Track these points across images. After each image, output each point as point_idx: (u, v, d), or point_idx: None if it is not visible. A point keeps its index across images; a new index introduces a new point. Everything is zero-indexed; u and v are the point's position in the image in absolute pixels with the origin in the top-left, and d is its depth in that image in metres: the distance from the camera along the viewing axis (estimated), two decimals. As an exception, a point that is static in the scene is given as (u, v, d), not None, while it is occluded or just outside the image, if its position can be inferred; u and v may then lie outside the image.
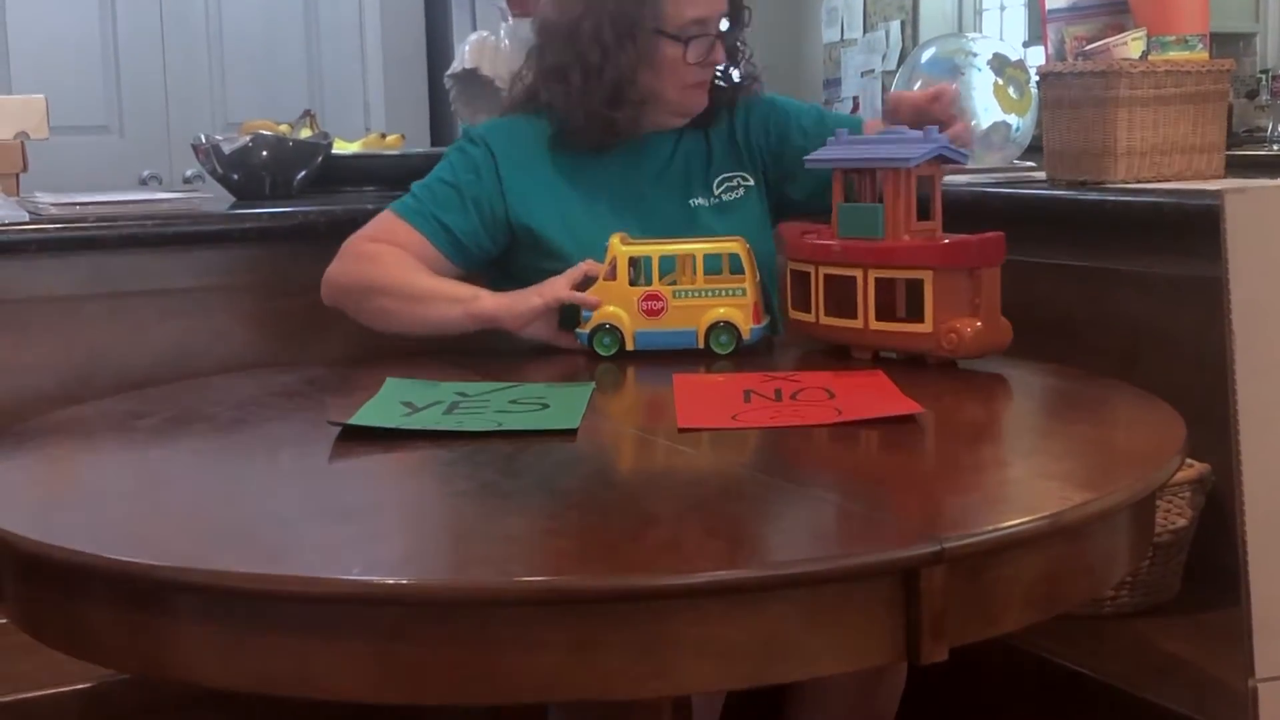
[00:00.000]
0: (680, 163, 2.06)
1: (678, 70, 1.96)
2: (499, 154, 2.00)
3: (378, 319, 1.95)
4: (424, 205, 1.98)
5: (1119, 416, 1.55)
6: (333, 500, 1.29)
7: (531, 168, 2.00)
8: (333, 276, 1.97)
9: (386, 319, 1.94)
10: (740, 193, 2.05)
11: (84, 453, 1.52)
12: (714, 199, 2.04)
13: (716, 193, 2.05)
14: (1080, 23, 2.35)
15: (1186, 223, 1.92)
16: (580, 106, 1.96)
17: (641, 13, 1.93)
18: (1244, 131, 5.34)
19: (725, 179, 2.06)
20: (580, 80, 1.95)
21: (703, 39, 1.96)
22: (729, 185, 2.06)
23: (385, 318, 1.94)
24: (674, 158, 2.05)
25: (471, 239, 1.97)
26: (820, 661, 1.08)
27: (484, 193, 1.98)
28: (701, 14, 1.95)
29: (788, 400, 1.52)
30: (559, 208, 1.98)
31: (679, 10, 1.94)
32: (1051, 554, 1.17)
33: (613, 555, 1.11)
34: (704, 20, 1.96)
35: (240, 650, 1.07)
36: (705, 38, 1.96)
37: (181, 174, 4.06)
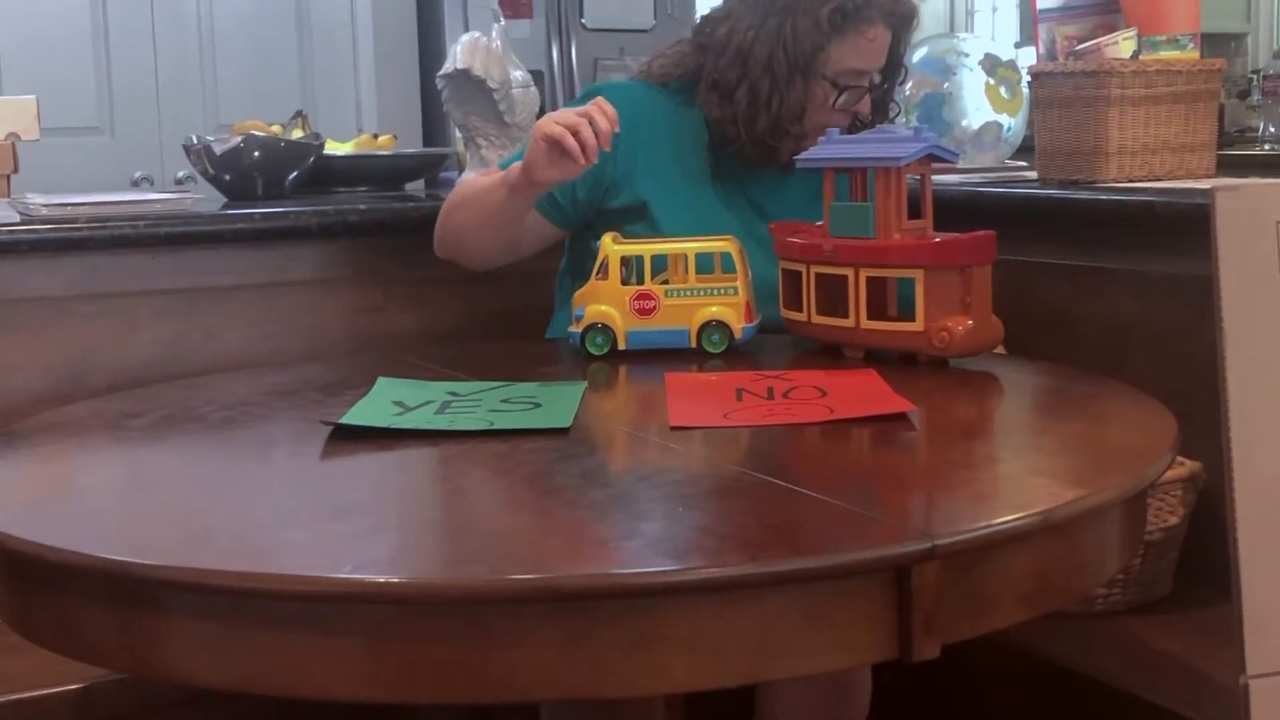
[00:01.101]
0: (786, 193, 2.05)
1: (821, 113, 1.99)
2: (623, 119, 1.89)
3: (464, 237, 1.98)
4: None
5: (1110, 414, 1.55)
6: (324, 499, 1.28)
7: (647, 140, 1.99)
8: (436, 229, 2.02)
9: (467, 231, 1.97)
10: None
11: (76, 452, 1.52)
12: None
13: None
14: (1071, 23, 2.35)
15: (1178, 222, 1.92)
16: (743, 129, 1.98)
17: (814, 52, 1.94)
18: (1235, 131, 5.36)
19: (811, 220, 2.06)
20: (746, 104, 1.97)
21: (855, 90, 1.99)
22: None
23: (465, 231, 1.97)
24: (771, 185, 2.06)
25: (569, 199, 1.97)
26: (813, 658, 1.08)
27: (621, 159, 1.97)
28: (861, 66, 1.98)
29: (780, 398, 1.52)
30: (662, 187, 1.99)
31: (843, 58, 1.96)
32: (1043, 551, 1.18)
33: (605, 553, 1.11)
34: (862, 72, 1.99)
35: (232, 649, 1.07)
36: (858, 89, 1.99)
37: (173, 175, 4.05)
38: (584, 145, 1.74)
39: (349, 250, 2.29)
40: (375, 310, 2.29)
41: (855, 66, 1.98)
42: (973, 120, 2.53)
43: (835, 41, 1.95)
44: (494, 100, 2.43)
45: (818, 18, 1.93)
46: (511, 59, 2.46)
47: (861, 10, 1.95)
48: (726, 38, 1.98)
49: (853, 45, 1.96)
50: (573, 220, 2.02)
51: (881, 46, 1.99)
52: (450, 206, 2.00)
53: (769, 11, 1.96)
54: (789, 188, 2.06)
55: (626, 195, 1.98)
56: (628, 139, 1.95)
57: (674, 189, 2.00)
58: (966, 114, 2.52)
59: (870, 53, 1.98)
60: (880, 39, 1.98)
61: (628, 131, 1.93)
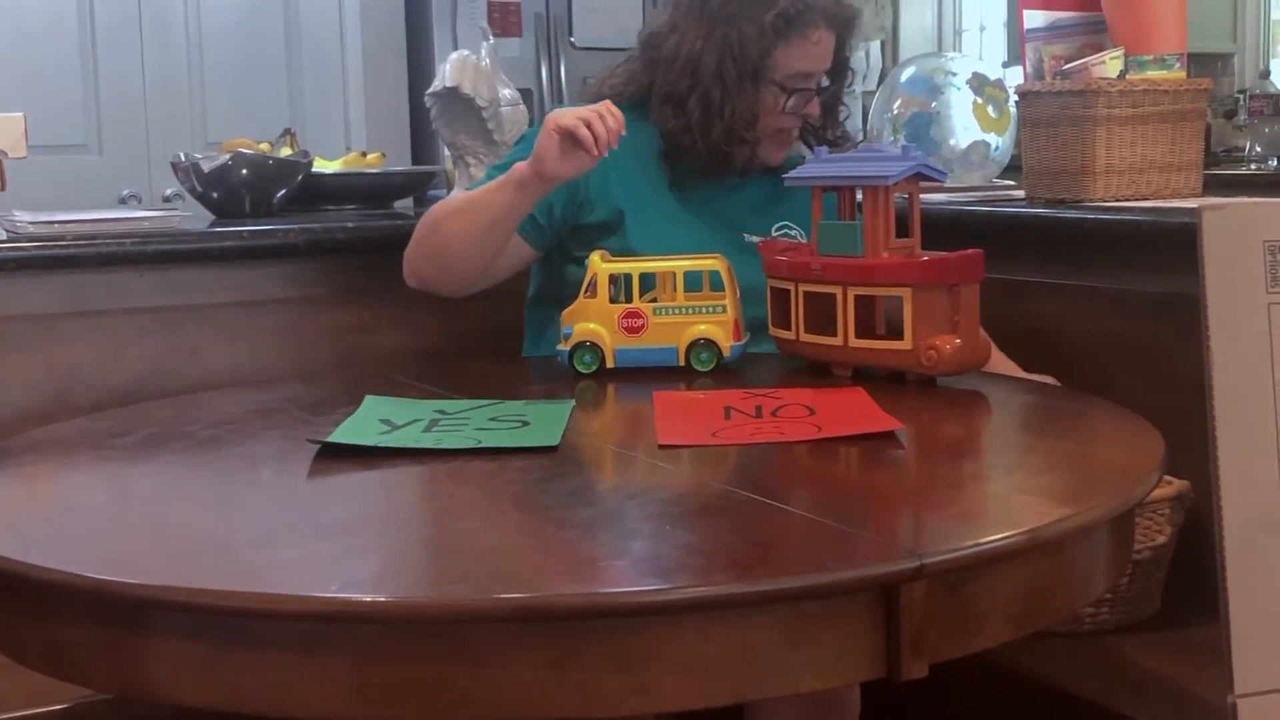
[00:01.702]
0: (744, 198, 2.08)
1: (772, 118, 2.01)
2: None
3: (451, 248, 1.94)
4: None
5: (1098, 433, 1.55)
6: (311, 518, 1.28)
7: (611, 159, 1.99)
8: (407, 251, 1.99)
9: (456, 241, 1.93)
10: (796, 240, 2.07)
11: (62, 471, 1.52)
12: (770, 238, 2.05)
13: (774, 234, 2.07)
14: (1058, 42, 2.36)
15: (1164, 241, 1.93)
16: (699, 138, 2.00)
17: (761, 58, 1.97)
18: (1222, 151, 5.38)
19: (785, 226, 2.09)
20: (700, 112, 1.99)
21: (803, 93, 2.01)
22: (786, 231, 2.08)
23: (455, 240, 1.93)
24: (740, 192, 2.08)
25: (545, 217, 1.97)
26: (801, 677, 1.08)
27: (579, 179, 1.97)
28: (808, 69, 2.01)
29: (768, 417, 1.52)
30: (632, 201, 2.00)
31: (789, 62, 1.99)
32: (1031, 570, 1.17)
33: (592, 572, 1.11)
34: (809, 75, 2.01)
35: (218, 669, 1.06)
36: (805, 92, 2.01)
37: (161, 193, 4.04)
38: (596, 137, 1.77)
39: (337, 268, 2.29)
40: (363, 329, 2.28)
41: (802, 70, 2.00)
42: (960, 139, 2.53)
43: (781, 47, 1.98)
44: (483, 119, 2.43)
45: (762, 25, 1.96)
46: (500, 77, 2.46)
47: (804, 15, 1.98)
48: (675, 50, 2.01)
49: (798, 49, 1.99)
50: (548, 240, 2.01)
51: (826, 49, 2.02)
52: (433, 223, 1.96)
53: (715, 22, 1.98)
54: (745, 192, 2.08)
55: (601, 210, 1.99)
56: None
57: (643, 203, 2.01)
58: (954, 133, 2.53)
59: (815, 56, 2.01)
60: (824, 42, 2.01)
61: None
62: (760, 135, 2.02)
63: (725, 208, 2.07)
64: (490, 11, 4.85)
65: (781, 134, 2.05)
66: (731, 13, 1.97)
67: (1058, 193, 2.17)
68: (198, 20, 4.42)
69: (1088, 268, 2.09)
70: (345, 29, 4.65)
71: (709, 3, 2.00)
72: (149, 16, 4.34)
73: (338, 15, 4.65)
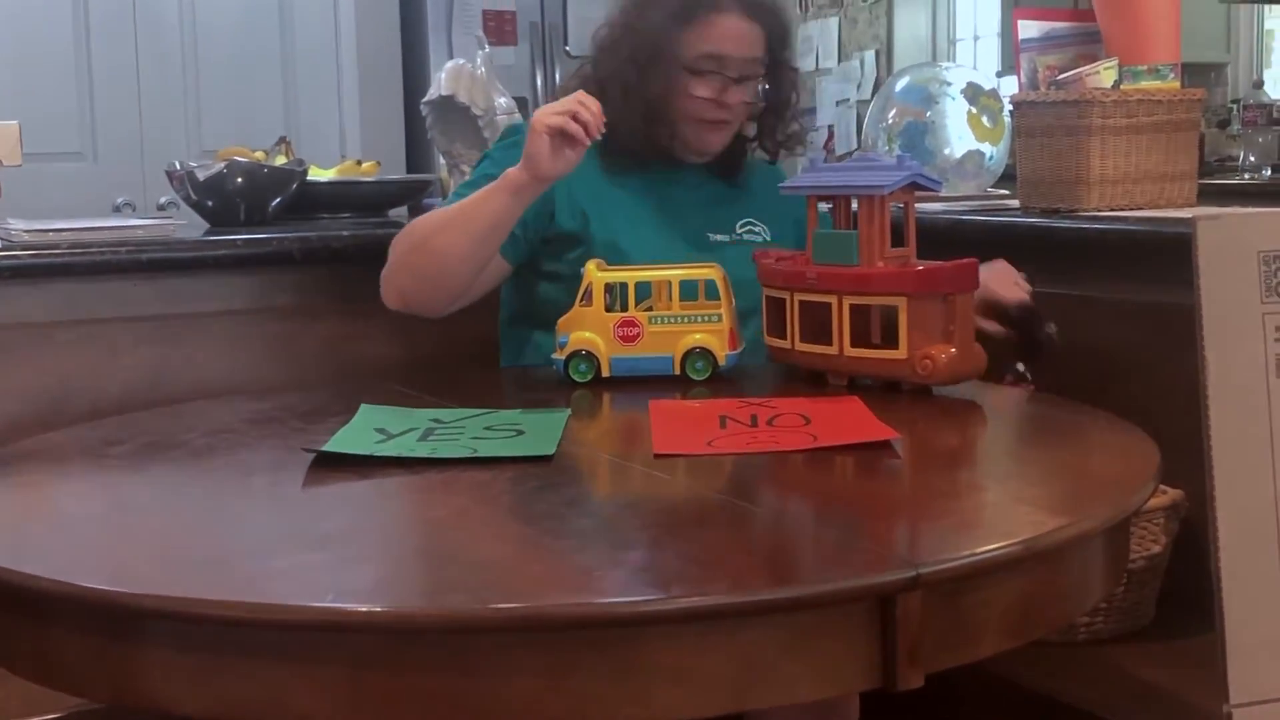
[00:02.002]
0: (707, 198, 2.09)
1: (691, 104, 2.01)
2: None
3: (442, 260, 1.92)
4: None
5: (1093, 442, 1.55)
6: (306, 527, 1.28)
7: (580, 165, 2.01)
8: (386, 272, 1.97)
9: (448, 253, 1.92)
10: (759, 238, 2.09)
11: (56, 480, 1.51)
12: (735, 236, 2.08)
13: (738, 232, 2.08)
14: (1053, 52, 2.37)
15: (1159, 250, 1.93)
16: (620, 122, 2.00)
17: (668, 42, 2.00)
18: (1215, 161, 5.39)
19: (748, 223, 2.10)
20: (619, 97, 2.00)
21: (714, 77, 2.00)
22: (750, 229, 2.09)
23: (446, 253, 1.92)
24: (701, 192, 2.09)
25: (520, 226, 1.96)
26: (797, 687, 1.08)
27: None
28: (717, 50, 2.00)
29: (763, 426, 1.52)
30: (597, 209, 2.01)
31: (695, 44, 2.00)
32: (1027, 579, 1.17)
33: (588, 581, 1.11)
34: (720, 58, 2.00)
35: (213, 678, 1.06)
36: (717, 76, 2.00)
37: (156, 201, 4.03)
38: (586, 126, 1.81)
39: (332, 277, 2.29)
40: (358, 337, 2.28)
41: (708, 52, 2.00)
42: (955, 149, 2.54)
43: (686, 30, 2.00)
44: (478, 127, 2.43)
45: (665, 10, 2.00)
46: (496, 86, 2.47)
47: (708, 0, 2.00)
48: (603, 39, 2.08)
49: (701, 32, 2.00)
50: (522, 253, 2.01)
51: (739, 35, 2.01)
52: (419, 239, 1.94)
53: (631, 9, 2.05)
54: (706, 192, 2.09)
55: (567, 217, 2.00)
56: None
57: (606, 209, 2.02)
58: (949, 143, 2.53)
59: (725, 39, 2.00)
60: (737, 27, 2.01)
61: None
62: (683, 118, 2.03)
63: (688, 210, 2.07)
64: (485, 20, 4.85)
65: (706, 123, 2.04)
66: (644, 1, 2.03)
67: (1052, 202, 2.17)
68: (193, 28, 4.42)
69: (1082, 277, 2.09)
70: (340, 37, 4.66)
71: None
72: (144, 25, 4.34)
73: (333, 24, 4.65)
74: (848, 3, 7.02)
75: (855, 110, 6.78)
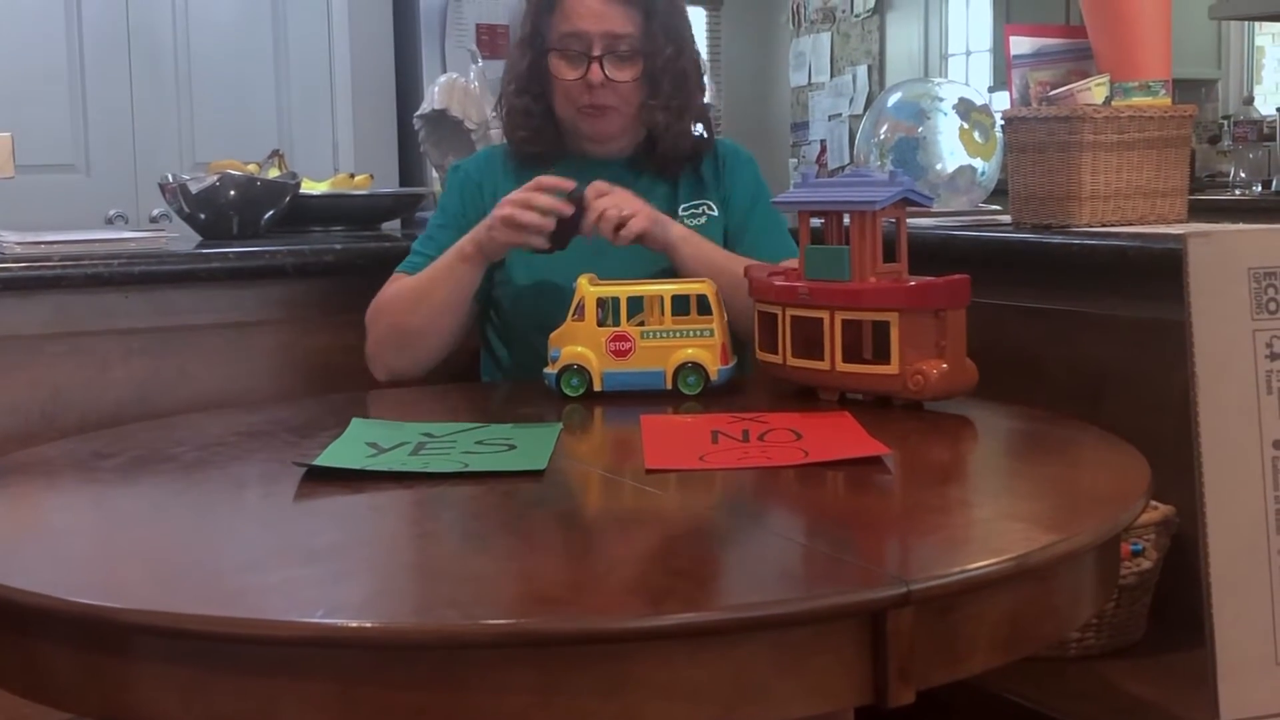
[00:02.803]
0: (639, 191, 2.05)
1: (562, 88, 2.04)
2: (483, 180, 2.08)
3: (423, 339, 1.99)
4: (425, 256, 2.04)
5: (1084, 458, 1.55)
6: (297, 542, 1.28)
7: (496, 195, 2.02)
8: (370, 350, 2.02)
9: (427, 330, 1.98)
10: (703, 220, 2.09)
11: (46, 493, 1.51)
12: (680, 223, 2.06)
13: (680, 218, 2.08)
14: (1044, 68, 2.37)
15: (1150, 266, 1.93)
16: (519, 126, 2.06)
17: (539, 30, 2.04)
18: (1206, 176, 5.41)
19: (690, 207, 2.11)
20: (510, 85, 2.07)
21: (577, 57, 2.01)
22: (693, 211, 2.10)
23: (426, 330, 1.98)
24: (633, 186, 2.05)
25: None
26: (788, 704, 1.08)
27: (474, 219, 2.01)
28: (575, 29, 2.01)
29: (755, 441, 1.52)
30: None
31: (559, 24, 2.02)
32: (1018, 595, 1.17)
33: (579, 597, 1.11)
34: (580, 35, 2.01)
35: (202, 693, 1.06)
36: (581, 56, 2.01)
37: (148, 213, 4.04)
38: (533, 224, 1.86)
39: (324, 290, 2.29)
40: (350, 351, 2.27)
41: (568, 30, 2.01)
42: (947, 164, 2.54)
43: (553, 13, 2.03)
44: (472, 141, 2.44)
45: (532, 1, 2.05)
46: (489, 99, 2.47)
47: None
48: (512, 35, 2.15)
49: (561, 13, 2.02)
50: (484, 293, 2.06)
51: (599, 11, 2.00)
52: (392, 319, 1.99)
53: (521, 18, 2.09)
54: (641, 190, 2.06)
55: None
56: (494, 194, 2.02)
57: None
58: (941, 158, 2.54)
59: (584, 17, 2.00)
60: (595, 4, 2.00)
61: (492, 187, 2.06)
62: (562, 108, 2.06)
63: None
64: (478, 34, 4.86)
65: (585, 110, 2.04)
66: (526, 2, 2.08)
67: (1044, 218, 2.17)
68: (186, 41, 4.42)
69: (1074, 293, 2.09)
70: (334, 51, 4.66)
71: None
72: (137, 37, 4.34)
73: (326, 37, 4.65)
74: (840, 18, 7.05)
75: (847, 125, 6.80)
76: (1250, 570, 1.36)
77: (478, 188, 2.08)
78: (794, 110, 7.22)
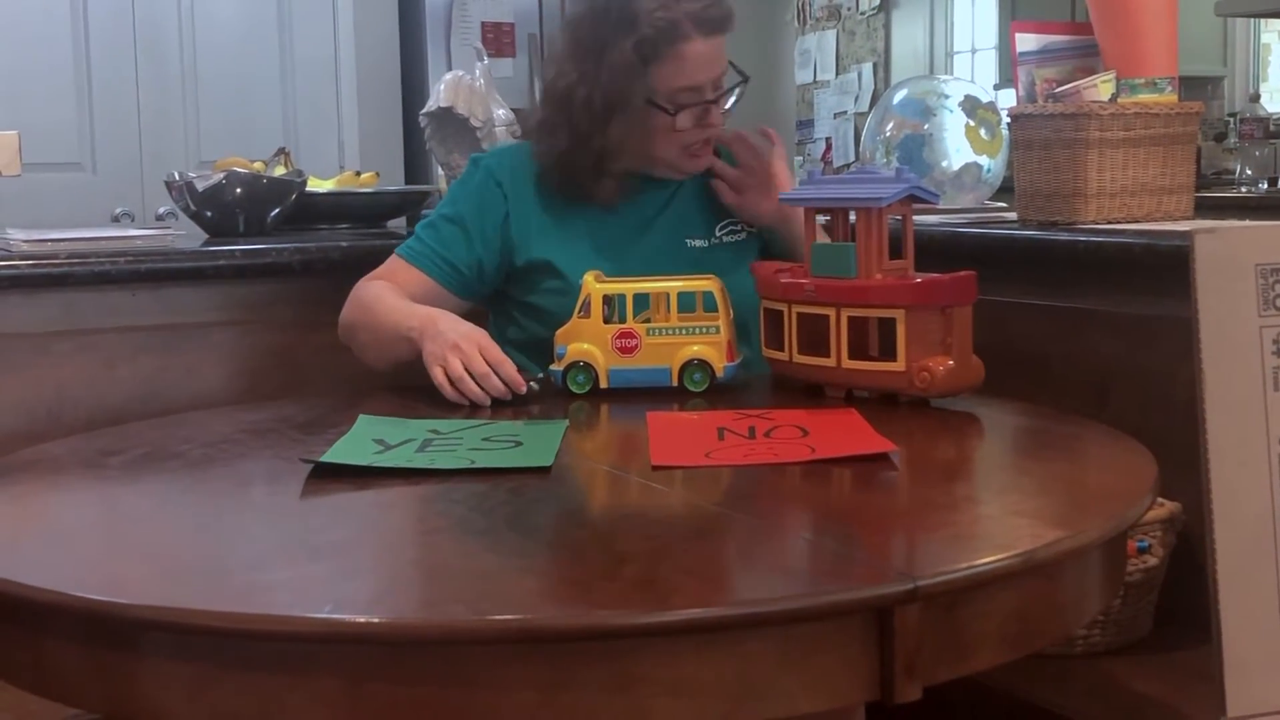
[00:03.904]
0: (680, 204, 2.07)
1: (672, 136, 1.97)
2: (505, 181, 2.02)
3: (361, 351, 1.99)
4: (426, 244, 2.01)
5: (1091, 455, 1.55)
6: (304, 538, 1.28)
7: (538, 196, 2.01)
8: (340, 320, 2.01)
9: (366, 347, 1.98)
10: (742, 236, 2.08)
11: (53, 490, 1.51)
12: (714, 240, 2.06)
13: (718, 235, 2.07)
14: (1050, 65, 2.37)
15: (1157, 263, 1.93)
16: (559, 165, 1.99)
17: (632, 86, 1.92)
18: (1212, 174, 5.40)
19: (730, 224, 2.08)
20: (566, 143, 1.97)
21: (694, 107, 1.96)
22: (732, 229, 2.08)
23: (365, 346, 1.98)
24: (674, 199, 2.07)
25: (474, 270, 1.99)
26: (794, 700, 1.08)
27: (489, 221, 2.00)
28: (690, 82, 1.94)
29: (761, 438, 1.52)
30: (561, 237, 2.00)
31: (667, 81, 1.93)
32: (1024, 592, 1.17)
33: (586, 594, 1.11)
34: (696, 88, 1.96)
35: (209, 689, 1.06)
36: (697, 105, 1.96)
37: (154, 211, 4.05)
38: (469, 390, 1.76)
39: (330, 288, 2.28)
40: (356, 348, 2.28)
41: (683, 85, 1.94)
42: (953, 161, 2.54)
43: (654, 69, 1.92)
44: (477, 138, 2.43)
45: (626, 52, 1.90)
46: (495, 97, 2.47)
47: (667, 33, 1.91)
48: (553, 84, 2.00)
49: (673, 68, 1.92)
50: (475, 289, 2.02)
51: (707, 57, 1.94)
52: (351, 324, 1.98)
53: (586, 54, 1.94)
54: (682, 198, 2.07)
55: (528, 251, 1.99)
56: (517, 198, 2.00)
57: (571, 237, 2.01)
58: (947, 155, 2.54)
59: (695, 67, 1.93)
60: (701, 51, 1.93)
61: (515, 190, 2.00)
62: (663, 154, 1.99)
63: (663, 221, 2.06)
64: (484, 32, 4.86)
65: (699, 148, 2.01)
66: (600, 44, 1.93)
67: (1050, 215, 2.17)
68: (192, 39, 4.43)
69: (1080, 290, 2.09)
70: (339, 49, 4.66)
71: (581, 36, 1.97)
72: (144, 35, 4.35)
73: (332, 35, 4.66)
74: (846, 16, 7.04)
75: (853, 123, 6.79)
76: (1257, 567, 1.36)
77: (498, 188, 2.02)
78: (799, 108, 7.22)
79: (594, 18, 1.95)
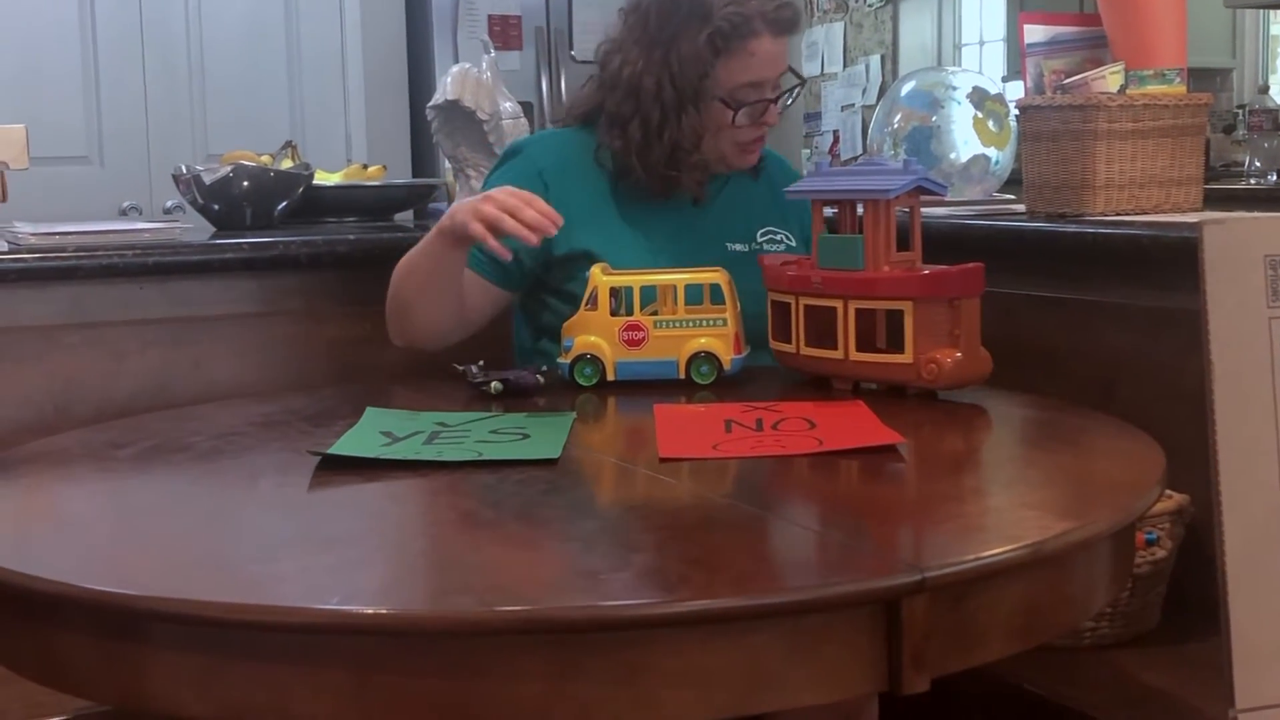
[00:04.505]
0: (723, 205, 2.07)
1: (728, 131, 1.98)
2: (546, 169, 2.00)
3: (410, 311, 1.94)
4: None
5: (1099, 447, 1.55)
6: (312, 530, 1.28)
7: (579, 185, 2.00)
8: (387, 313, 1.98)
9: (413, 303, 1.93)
10: (780, 245, 2.07)
11: (62, 482, 1.51)
12: (755, 245, 2.06)
13: (759, 240, 2.07)
14: (1059, 57, 2.36)
15: (1165, 255, 1.93)
16: (639, 161, 1.98)
17: (704, 79, 1.94)
18: (1221, 166, 5.39)
19: (769, 231, 2.08)
20: (640, 136, 1.97)
21: (757, 104, 1.98)
22: (771, 237, 2.08)
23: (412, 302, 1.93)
24: (717, 199, 2.07)
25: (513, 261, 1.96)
26: (801, 691, 1.08)
27: None
28: (755, 78, 1.97)
29: (769, 430, 1.52)
30: (602, 229, 1.99)
31: (732, 76, 1.95)
32: (1032, 583, 1.17)
33: (593, 585, 1.11)
34: (759, 84, 1.98)
35: (218, 680, 1.06)
36: (760, 102, 1.98)
37: (162, 204, 4.06)
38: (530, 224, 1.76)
39: (338, 281, 2.29)
40: (364, 340, 2.28)
41: (747, 81, 1.96)
42: (961, 153, 2.53)
43: (721, 63, 1.94)
44: (484, 131, 2.43)
45: (698, 44, 1.93)
46: (501, 90, 2.47)
47: (741, 28, 1.94)
48: (618, 72, 1.99)
49: (740, 63, 1.95)
50: (515, 279, 2.00)
51: (773, 56, 1.97)
52: (393, 289, 1.96)
53: (654, 43, 1.96)
54: (722, 201, 2.07)
55: (568, 241, 1.95)
56: (558, 186, 1.98)
57: (612, 228, 2.00)
58: (955, 147, 2.53)
59: (761, 65, 1.96)
60: (769, 49, 1.96)
61: (557, 179, 1.98)
62: (723, 153, 2.00)
63: (704, 221, 2.05)
64: (491, 25, 4.86)
65: (753, 144, 2.03)
66: (670, 34, 1.95)
67: (1058, 207, 2.17)
68: (199, 32, 4.43)
69: (1088, 282, 2.09)
70: (346, 42, 4.66)
71: (649, 24, 1.97)
72: (151, 28, 4.35)
73: (339, 28, 4.66)
74: (853, 7, 7.03)
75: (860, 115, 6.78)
76: (1266, 558, 1.36)
77: (538, 177, 1.98)
78: (807, 100, 7.20)
79: (662, 7, 1.96)
